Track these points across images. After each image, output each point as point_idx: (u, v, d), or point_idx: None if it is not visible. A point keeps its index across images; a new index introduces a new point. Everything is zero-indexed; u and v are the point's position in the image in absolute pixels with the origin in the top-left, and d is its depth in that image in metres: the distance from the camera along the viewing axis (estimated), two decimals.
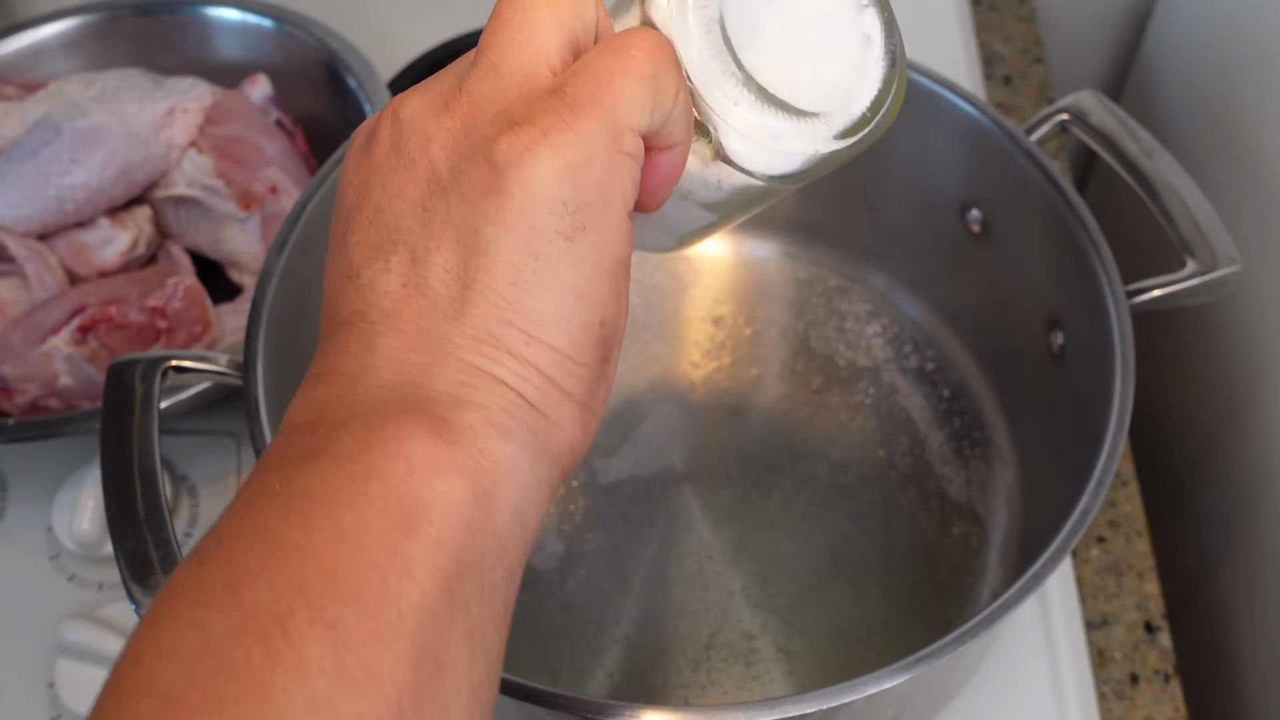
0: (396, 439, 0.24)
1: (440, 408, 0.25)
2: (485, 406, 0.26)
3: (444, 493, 0.24)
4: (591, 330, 0.27)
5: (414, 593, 0.23)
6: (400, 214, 0.27)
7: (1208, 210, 0.51)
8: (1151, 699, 0.56)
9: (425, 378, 0.26)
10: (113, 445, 0.44)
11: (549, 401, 0.27)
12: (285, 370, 0.49)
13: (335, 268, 0.29)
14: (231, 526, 0.24)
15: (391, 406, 0.25)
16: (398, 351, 0.26)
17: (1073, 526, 0.41)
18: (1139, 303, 0.49)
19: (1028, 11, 0.85)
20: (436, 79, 0.29)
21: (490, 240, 0.26)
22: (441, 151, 0.27)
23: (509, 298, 0.26)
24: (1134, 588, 0.60)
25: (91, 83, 0.65)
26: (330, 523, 0.23)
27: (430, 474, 0.24)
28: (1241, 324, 0.67)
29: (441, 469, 0.24)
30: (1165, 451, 0.76)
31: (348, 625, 0.22)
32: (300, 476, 0.24)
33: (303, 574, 0.22)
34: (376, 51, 0.69)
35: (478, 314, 0.26)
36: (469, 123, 0.27)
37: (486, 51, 0.28)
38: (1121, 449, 0.44)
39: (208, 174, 0.64)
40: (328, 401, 0.26)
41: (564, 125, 0.26)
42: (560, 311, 0.27)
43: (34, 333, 0.59)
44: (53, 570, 0.58)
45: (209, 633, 0.22)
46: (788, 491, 0.58)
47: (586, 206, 0.27)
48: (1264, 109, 0.64)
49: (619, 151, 0.27)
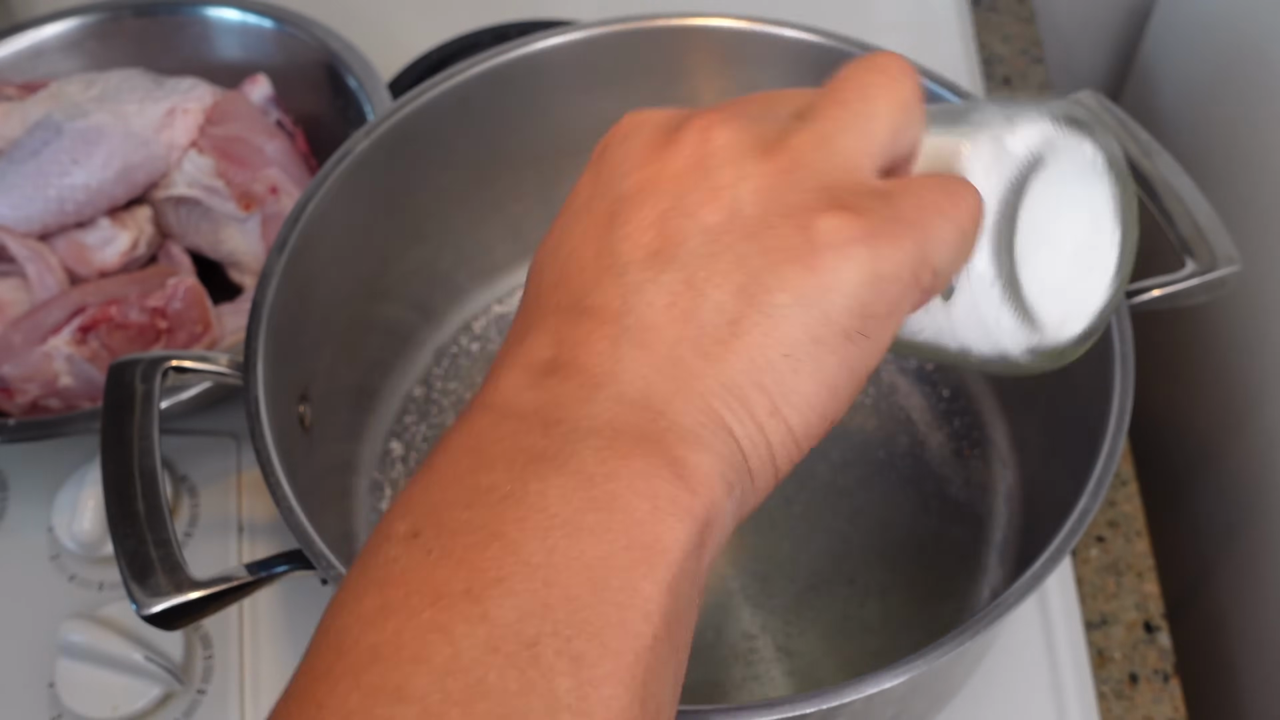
0: (643, 476, 0.24)
1: (681, 446, 0.25)
2: (719, 457, 0.26)
3: (679, 538, 0.24)
4: (825, 425, 0.28)
5: (648, 635, 0.23)
6: (688, 233, 0.27)
7: (1207, 210, 0.51)
8: (1151, 699, 0.56)
9: (668, 408, 0.25)
10: (113, 445, 0.44)
11: (762, 473, 0.27)
12: (285, 370, 0.49)
13: (589, 246, 0.28)
14: (457, 518, 0.24)
15: (634, 433, 0.25)
16: (644, 370, 0.26)
17: (1072, 526, 0.41)
18: (1138, 303, 0.49)
19: (1027, 12, 0.85)
20: (747, 115, 0.29)
21: (779, 306, 0.26)
22: (753, 195, 0.27)
23: (774, 366, 0.26)
24: (1133, 587, 0.60)
25: (92, 83, 0.65)
26: (574, 548, 0.23)
27: (671, 517, 0.24)
28: (1241, 324, 0.67)
29: (681, 514, 0.24)
30: (1165, 451, 0.76)
31: (590, 661, 0.22)
32: (536, 484, 0.24)
33: (546, 598, 0.22)
34: (376, 52, 0.69)
35: (737, 366, 0.26)
36: (788, 181, 0.27)
37: (820, 119, 0.28)
38: (1121, 449, 0.44)
39: (208, 174, 0.64)
40: (563, 400, 0.25)
41: (889, 235, 0.27)
42: (810, 400, 0.27)
43: (34, 333, 0.59)
44: (53, 570, 0.58)
45: (458, 644, 0.22)
46: (787, 492, 0.58)
47: (875, 318, 0.27)
48: (1263, 109, 0.64)
49: (918, 282, 0.28)
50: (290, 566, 0.44)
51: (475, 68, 0.56)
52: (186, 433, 0.61)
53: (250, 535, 0.59)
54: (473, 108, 0.57)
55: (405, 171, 0.57)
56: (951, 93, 0.55)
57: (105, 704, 0.52)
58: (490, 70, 0.57)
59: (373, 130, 0.54)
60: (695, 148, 0.28)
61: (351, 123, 0.66)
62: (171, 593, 0.41)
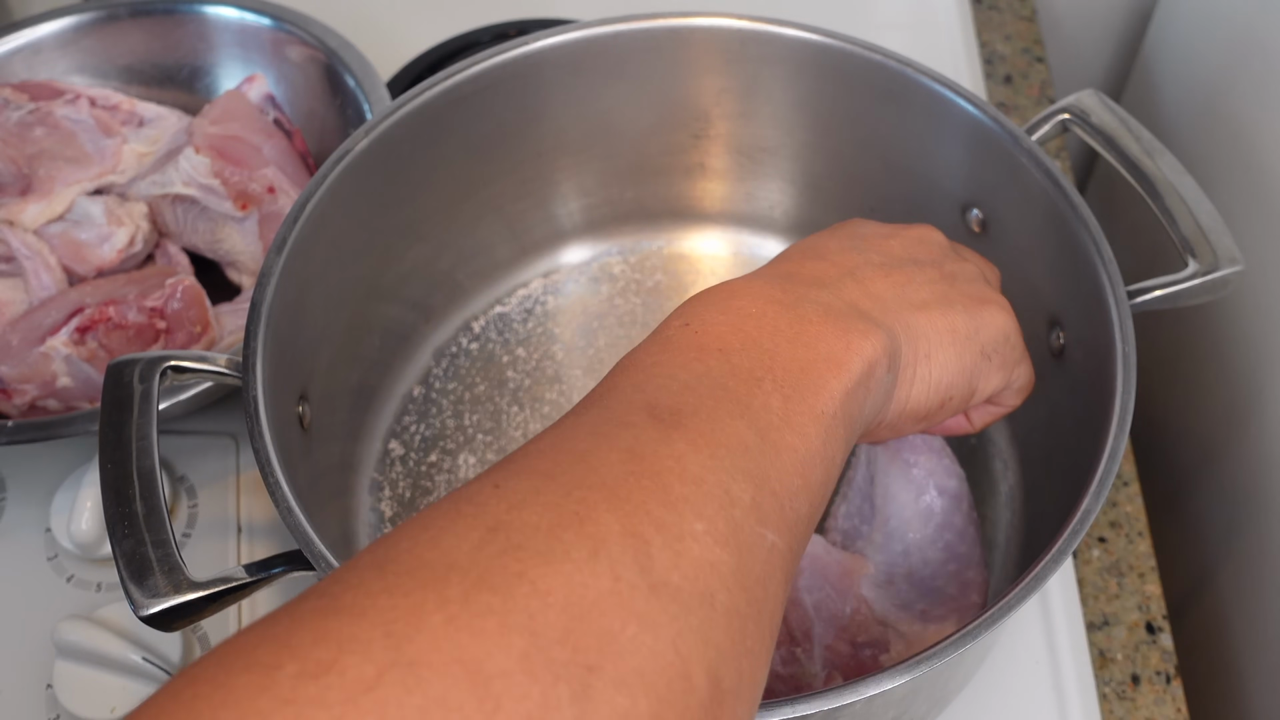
0: (843, 328, 0.37)
1: (869, 327, 0.37)
2: (887, 346, 0.37)
3: (856, 367, 0.35)
4: (935, 400, 0.41)
5: (831, 408, 0.34)
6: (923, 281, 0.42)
7: (1209, 210, 0.50)
8: (1153, 700, 0.56)
9: (868, 316, 0.38)
10: (111, 446, 0.44)
11: (901, 390, 0.39)
12: (284, 370, 0.49)
13: (848, 256, 0.42)
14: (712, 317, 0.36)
15: (841, 311, 0.38)
16: (858, 297, 0.40)
17: (1074, 527, 0.41)
18: (1140, 303, 0.48)
19: (1028, 10, 0.85)
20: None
21: (956, 310, 0.41)
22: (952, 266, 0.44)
23: (940, 336, 0.40)
24: (1135, 588, 0.60)
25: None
26: (792, 351, 0.35)
27: (855, 355, 0.36)
28: (1243, 324, 0.67)
29: (861, 355, 0.36)
30: (1167, 452, 0.76)
31: (795, 399, 0.33)
32: (775, 316, 0.36)
33: (770, 364, 0.34)
34: (375, 51, 0.68)
35: (921, 323, 0.40)
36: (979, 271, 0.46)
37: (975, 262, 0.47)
38: (1123, 450, 0.43)
39: (205, 173, 0.64)
40: (800, 290, 0.38)
41: (1018, 329, 0.44)
42: (943, 368, 0.41)
43: (32, 333, 0.58)
44: (51, 571, 0.58)
45: (711, 369, 0.33)
46: None
47: (998, 354, 0.43)
48: (1266, 108, 0.64)
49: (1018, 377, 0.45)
50: (289, 567, 0.44)
51: (474, 67, 0.56)
52: (185, 433, 0.61)
53: (249, 536, 0.58)
54: (472, 107, 0.57)
55: (404, 171, 0.57)
56: (953, 91, 0.54)
57: (103, 705, 0.52)
58: (489, 69, 0.57)
59: (371, 129, 0.54)
60: (920, 238, 0.46)
61: (350, 122, 0.66)
62: (170, 594, 0.41)
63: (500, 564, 0.25)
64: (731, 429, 0.31)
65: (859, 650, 0.48)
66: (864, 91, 0.57)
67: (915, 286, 0.41)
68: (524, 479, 0.28)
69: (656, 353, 0.34)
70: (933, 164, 0.57)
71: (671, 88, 0.60)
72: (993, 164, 0.54)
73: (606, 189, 0.65)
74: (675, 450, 0.29)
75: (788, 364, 0.34)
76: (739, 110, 0.61)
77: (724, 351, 0.34)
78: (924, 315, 0.40)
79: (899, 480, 0.52)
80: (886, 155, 0.59)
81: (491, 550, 0.25)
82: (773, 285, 0.38)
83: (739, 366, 0.33)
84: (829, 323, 0.36)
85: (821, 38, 0.57)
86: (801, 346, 0.35)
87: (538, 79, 0.58)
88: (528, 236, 0.65)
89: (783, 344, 0.35)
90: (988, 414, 0.47)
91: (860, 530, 0.53)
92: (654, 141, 0.63)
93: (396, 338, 0.62)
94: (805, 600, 0.49)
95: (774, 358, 0.34)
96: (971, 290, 0.43)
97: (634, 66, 0.59)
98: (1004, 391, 0.45)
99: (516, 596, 0.24)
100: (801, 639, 0.48)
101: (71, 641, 0.52)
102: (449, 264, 0.63)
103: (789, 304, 0.36)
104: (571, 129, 0.62)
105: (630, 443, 0.29)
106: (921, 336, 0.40)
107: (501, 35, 0.77)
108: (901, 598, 0.49)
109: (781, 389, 0.33)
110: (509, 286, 0.66)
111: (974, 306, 0.42)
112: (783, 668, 0.48)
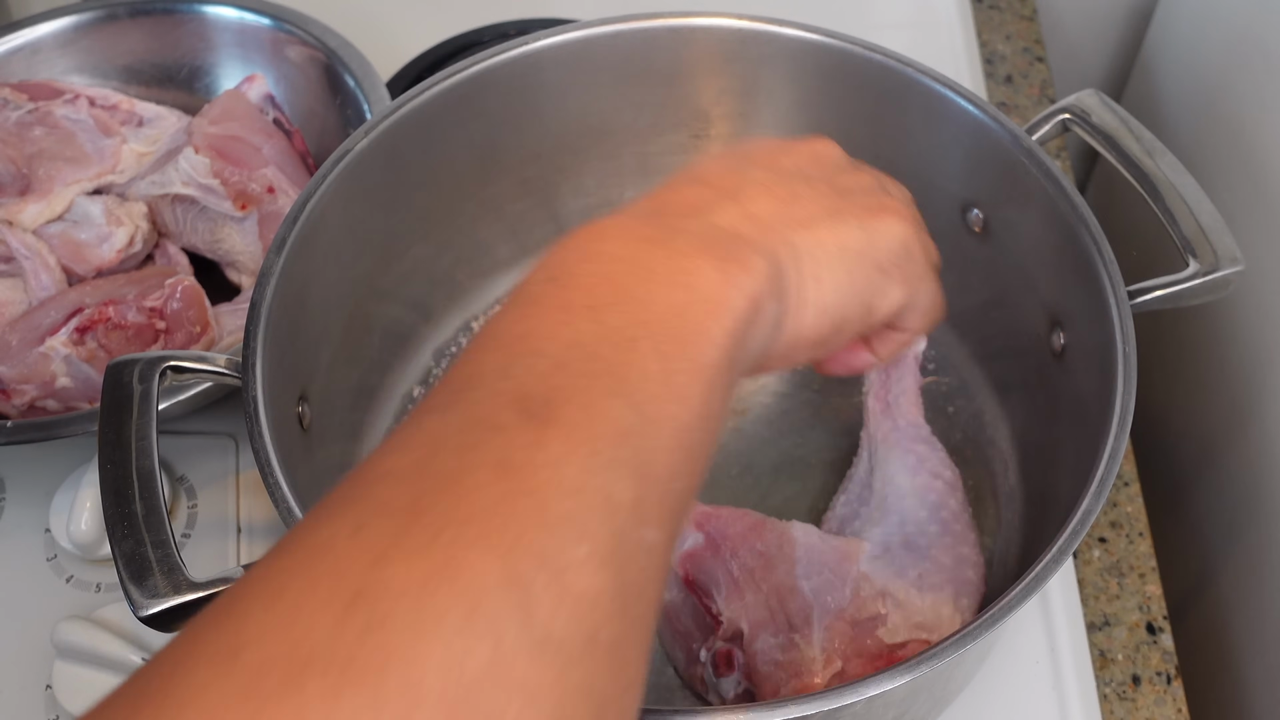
0: (721, 262, 0.34)
1: (750, 254, 0.34)
2: (770, 275, 0.35)
3: (738, 304, 0.33)
4: (829, 324, 0.37)
5: (713, 358, 0.32)
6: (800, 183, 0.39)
7: (1210, 210, 0.50)
8: (1154, 700, 0.56)
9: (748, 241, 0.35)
10: (111, 446, 0.44)
11: (789, 317, 0.36)
12: (284, 370, 0.49)
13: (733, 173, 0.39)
14: (582, 268, 0.33)
15: (718, 239, 0.35)
16: (739, 221, 0.36)
17: (1074, 528, 0.41)
18: (1141, 303, 0.48)
19: (1029, 10, 0.85)
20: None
21: (848, 225, 0.38)
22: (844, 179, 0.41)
23: (828, 254, 0.37)
24: (1136, 589, 0.60)
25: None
26: (668, 295, 0.32)
27: (735, 289, 0.33)
28: (1244, 324, 0.67)
29: (742, 290, 0.33)
30: (1167, 452, 0.76)
31: (673, 358, 0.31)
32: (644, 253, 0.34)
33: (645, 317, 0.31)
34: (375, 50, 0.68)
35: (807, 240, 0.37)
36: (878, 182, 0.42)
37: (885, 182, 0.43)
38: (1123, 450, 0.43)
39: (204, 173, 0.63)
40: (672, 219, 0.36)
41: (922, 241, 0.41)
42: (836, 288, 0.37)
43: (32, 333, 0.58)
44: (50, 571, 0.57)
45: (579, 332, 0.30)
46: (788, 493, 0.58)
47: (897, 269, 0.39)
48: (1266, 107, 0.64)
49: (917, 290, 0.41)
50: None
51: (474, 66, 0.56)
52: (185, 433, 0.61)
53: (249, 536, 0.58)
54: (472, 107, 0.57)
55: (404, 171, 0.57)
56: (953, 92, 0.54)
57: None
58: (489, 69, 0.56)
59: (371, 129, 0.54)
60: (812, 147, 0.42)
61: (350, 122, 0.66)
62: (169, 594, 0.41)
63: (365, 651, 0.22)
64: (609, 413, 0.29)
65: (857, 627, 0.48)
66: (864, 91, 0.57)
67: (802, 203, 0.38)
68: (386, 520, 0.25)
69: (522, 319, 0.31)
70: (933, 164, 0.57)
71: (671, 88, 0.60)
72: (993, 164, 0.54)
73: (606, 189, 0.65)
74: (551, 455, 0.27)
75: (664, 313, 0.32)
76: (739, 110, 0.61)
77: (594, 309, 0.31)
78: (810, 233, 0.37)
79: (897, 464, 0.53)
80: (886, 155, 0.59)
81: (354, 629, 0.22)
82: (643, 222, 0.35)
83: (611, 327, 0.31)
84: (705, 255, 0.33)
85: (821, 37, 0.57)
86: (678, 288, 0.32)
87: (538, 79, 0.58)
88: (528, 236, 0.65)
89: (657, 289, 0.32)
90: (892, 342, 0.44)
91: (859, 513, 0.53)
92: (654, 141, 0.63)
93: (396, 338, 0.62)
94: (803, 587, 0.49)
95: (648, 308, 0.31)
96: (866, 201, 0.40)
97: (634, 66, 0.59)
98: (907, 313, 0.41)
99: (386, 693, 0.22)
100: (801, 625, 0.48)
101: (71, 642, 0.52)
102: (449, 264, 0.63)
103: (661, 240, 0.34)
104: (571, 129, 0.61)
105: (502, 453, 0.27)
106: (808, 256, 0.37)
107: (501, 35, 0.77)
108: (897, 564, 0.50)
109: (659, 347, 0.31)
110: (509, 286, 0.66)
111: (867, 218, 0.39)
112: (781, 655, 0.48)
